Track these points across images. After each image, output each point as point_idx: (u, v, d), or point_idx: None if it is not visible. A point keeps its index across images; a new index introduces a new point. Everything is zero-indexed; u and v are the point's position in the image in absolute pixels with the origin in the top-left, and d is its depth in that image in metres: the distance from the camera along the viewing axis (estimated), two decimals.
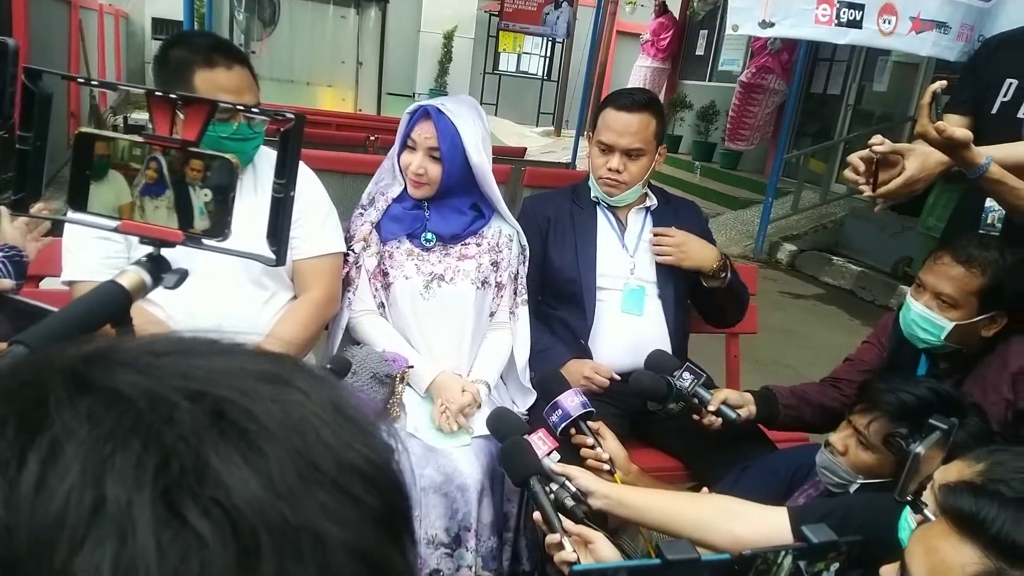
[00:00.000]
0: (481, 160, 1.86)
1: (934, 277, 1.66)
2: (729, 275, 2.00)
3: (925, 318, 1.67)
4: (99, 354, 0.30)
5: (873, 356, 1.91)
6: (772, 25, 5.59)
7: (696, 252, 1.99)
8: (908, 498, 1.12)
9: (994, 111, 1.92)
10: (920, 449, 1.11)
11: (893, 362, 1.84)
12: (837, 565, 1.01)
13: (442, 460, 1.69)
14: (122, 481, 0.25)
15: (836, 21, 5.33)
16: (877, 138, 1.59)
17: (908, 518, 1.14)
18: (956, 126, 1.50)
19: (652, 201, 2.11)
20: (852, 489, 1.52)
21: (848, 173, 1.64)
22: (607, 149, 1.99)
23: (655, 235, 2.02)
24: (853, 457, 1.52)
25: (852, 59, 8.35)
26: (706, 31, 10.91)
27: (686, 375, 1.79)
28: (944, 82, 1.51)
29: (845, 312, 5.81)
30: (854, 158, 1.62)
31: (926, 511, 1.08)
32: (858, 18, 5.28)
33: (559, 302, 2.10)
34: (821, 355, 4.45)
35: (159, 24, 13.27)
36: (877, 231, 6.95)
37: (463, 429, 1.78)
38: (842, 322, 5.57)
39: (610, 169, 1.98)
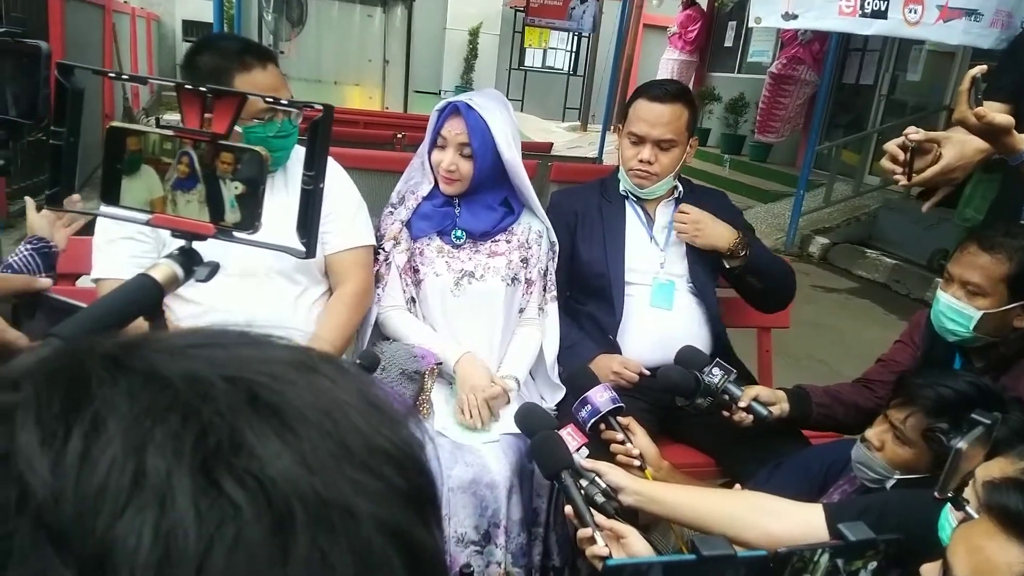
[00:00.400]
0: (512, 154, 1.86)
1: (961, 267, 1.63)
2: (749, 253, 1.95)
3: (952, 308, 1.63)
4: (136, 343, 0.31)
5: (906, 356, 1.86)
6: (795, 17, 5.53)
7: (711, 231, 1.95)
8: (949, 495, 1.10)
9: None
10: (962, 445, 1.08)
11: (927, 361, 1.80)
12: (875, 564, 0.99)
13: (470, 457, 1.69)
14: (161, 453, 0.26)
15: (860, 12, 5.26)
16: (912, 128, 1.56)
17: (949, 516, 1.11)
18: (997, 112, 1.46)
19: (680, 191, 2.08)
20: (888, 485, 1.49)
21: (884, 162, 1.61)
22: (638, 140, 1.97)
23: (678, 214, 1.99)
24: (890, 452, 1.49)
25: (885, 48, 8.19)
26: (734, 22, 10.77)
27: (716, 371, 1.77)
28: (984, 67, 1.47)
29: (879, 306, 5.70)
30: (890, 146, 1.58)
31: (968, 508, 1.06)
32: (883, 8, 5.19)
33: (587, 297, 2.08)
34: (854, 350, 4.38)
35: (189, 26, 13.49)
36: (912, 223, 6.81)
37: (488, 423, 1.77)
38: (876, 316, 5.47)
39: (641, 160, 1.96)
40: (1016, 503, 0.87)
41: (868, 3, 5.21)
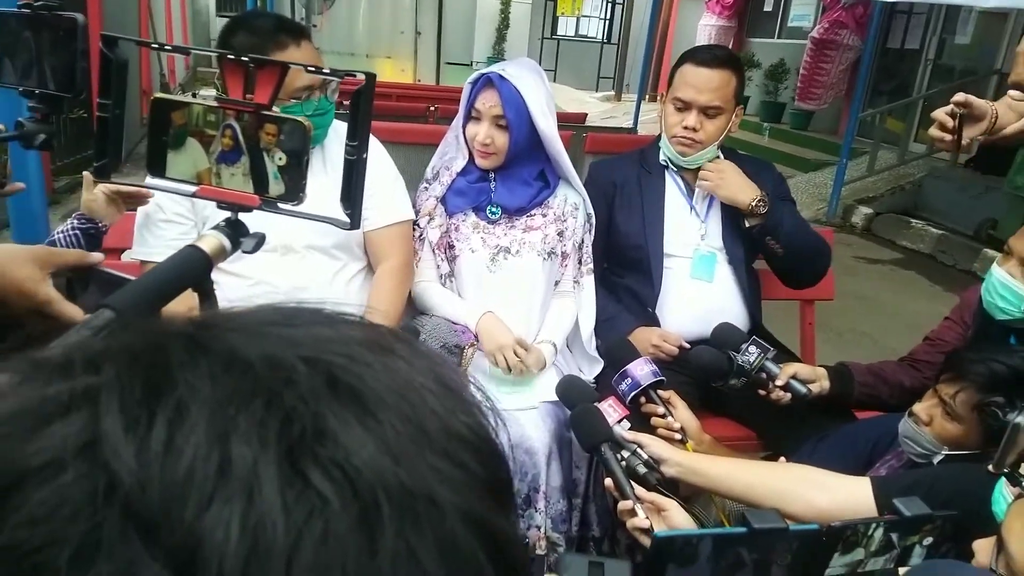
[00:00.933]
0: (548, 124, 1.83)
1: (1023, 243, 1.54)
2: (770, 214, 1.90)
3: (1005, 285, 1.55)
4: (211, 322, 0.31)
5: (955, 335, 1.79)
6: None
7: (733, 182, 1.91)
8: (1005, 470, 1.07)
9: None
10: (1021, 419, 1.05)
11: (977, 341, 1.73)
12: (931, 539, 0.97)
13: (509, 425, 1.70)
14: (247, 441, 0.25)
15: None
16: (960, 96, 1.49)
17: (1004, 491, 1.08)
18: None
19: (720, 158, 2.03)
20: (936, 460, 1.46)
21: (932, 131, 1.55)
22: (684, 106, 1.92)
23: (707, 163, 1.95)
24: (938, 427, 1.45)
25: (932, 11, 7.89)
26: None
27: (752, 349, 1.73)
28: None
29: (924, 278, 5.57)
30: (938, 113, 1.52)
31: None
32: None
33: (625, 270, 2.06)
34: (900, 323, 4.29)
35: (223, 2, 13.55)
36: (958, 192, 6.61)
37: (524, 380, 1.76)
38: (922, 288, 5.34)
39: (685, 127, 1.92)
40: None
41: None
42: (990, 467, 1.10)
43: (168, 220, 1.62)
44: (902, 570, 1.02)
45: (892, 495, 1.10)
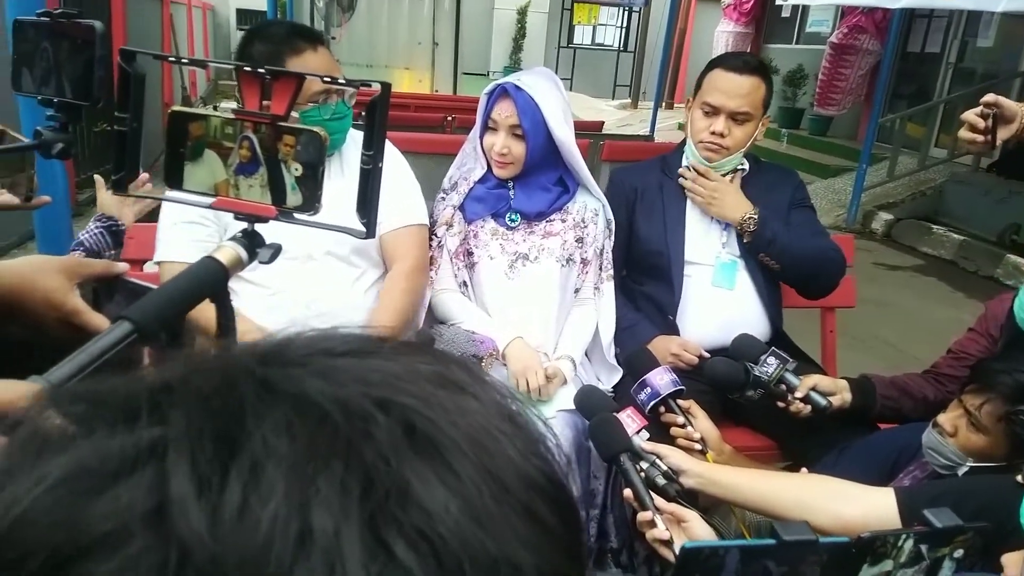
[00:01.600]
0: (565, 133, 1.83)
1: None
2: (761, 232, 1.89)
3: None
4: (274, 353, 0.29)
5: (980, 348, 1.74)
6: None
7: (726, 201, 1.91)
8: None
9: None
10: None
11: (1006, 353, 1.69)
12: (961, 552, 0.95)
13: None
14: (328, 507, 0.23)
15: None
16: (990, 96, 1.48)
17: None
18: None
19: (744, 166, 2.02)
20: (960, 472, 1.44)
21: (963, 132, 1.53)
22: (712, 111, 1.92)
23: (690, 173, 1.94)
24: (963, 439, 1.43)
25: (953, 14, 7.81)
26: None
27: (771, 360, 1.70)
28: None
29: (946, 284, 5.49)
30: (969, 115, 1.50)
31: None
32: None
33: (645, 277, 2.05)
34: (921, 330, 4.23)
35: (243, 15, 13.74)
36: (981, 197, 6.52)
37: (544, 400, 1.76)
38: (943, 294, 5.27)
39: (713, 132, 1.91)
40: None
41: None
42: (1018, 478, 1.08)
43: (193, 222, 1.64)
44: None
45: (917, 506, 1.08)
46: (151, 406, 0.26)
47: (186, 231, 1.63)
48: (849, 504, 1.29)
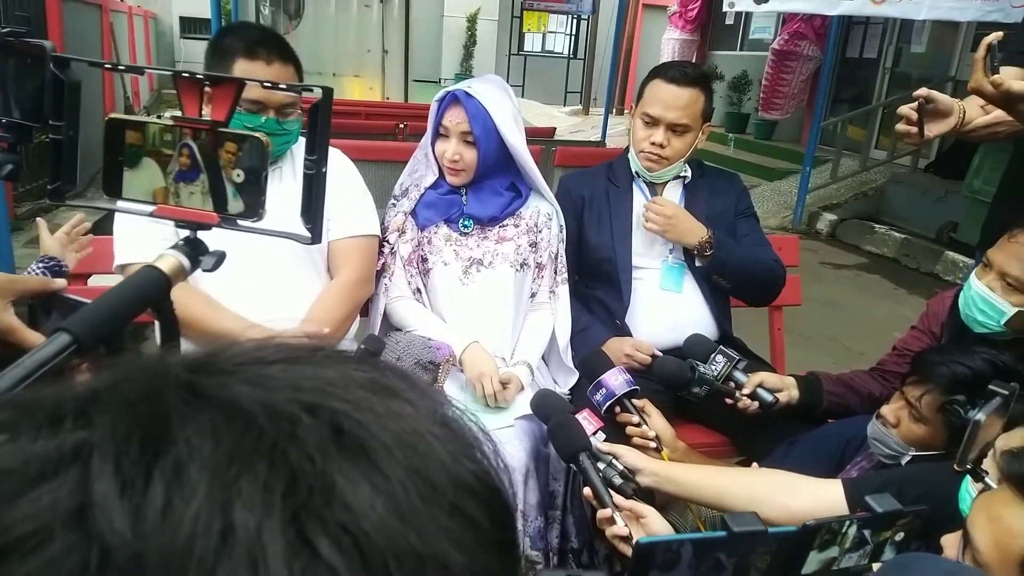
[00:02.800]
0: (516, 139, 1.84)
1: (1004, 256, 1.53)
2: (717, 255, 1.92)
3: (985, 299, 1.54)
4: (205, 362, 0.29)
5: (922, 346, 1.78)
6: (766, 1, 5.63)
7: (683, 227, 1.92)
8: (968, 466, 1.09)
9: None
10: (980, 416, 1.07)
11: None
12: (902, 535, 0.98)
13: None
14: (250, 506, 0.24)
15: None
16: (923, 90, 1.53)
17: (969, 487, 1.10)
18: (1014, 78, 1.44)
19: (687, 173, 2.06)
20: (904, 461, 1.49)
21: (899, 126, 1.58)
22: (651, 122, 1.94)
23: (649, 204, 1.95)
24: (905, 429, 1.48)
25: (888, 21, 8.10)
26: None
27: (719, 359, 1.75)
28: (999, 34, 1.44)
29: (889, 281, 5.68)
30: (903, 109, 1.56)
31: (987, 479, 1.05)
32: None
33: (596, 282, 2.07)
34: (866, 326, 4.36)
35: (187, 23, 13.47)
36: (920, 196, 6.76)
37: (502, 405, 1.76)
38: (887, 291, 5.45)
39: (653, 143, 1.93)
40: None
41: None
42: (955, 464, 1.12)
43: (153, 222, 1.59)
44: (875, 565, 1.03)
45: (863, 495, 1.12)
46: (77, 412, 0.25)
47: (146, 231, 1.58)
48: (798, 496, 1.33)
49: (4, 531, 0.22)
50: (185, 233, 0.66)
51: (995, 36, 1.41)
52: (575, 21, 15.57)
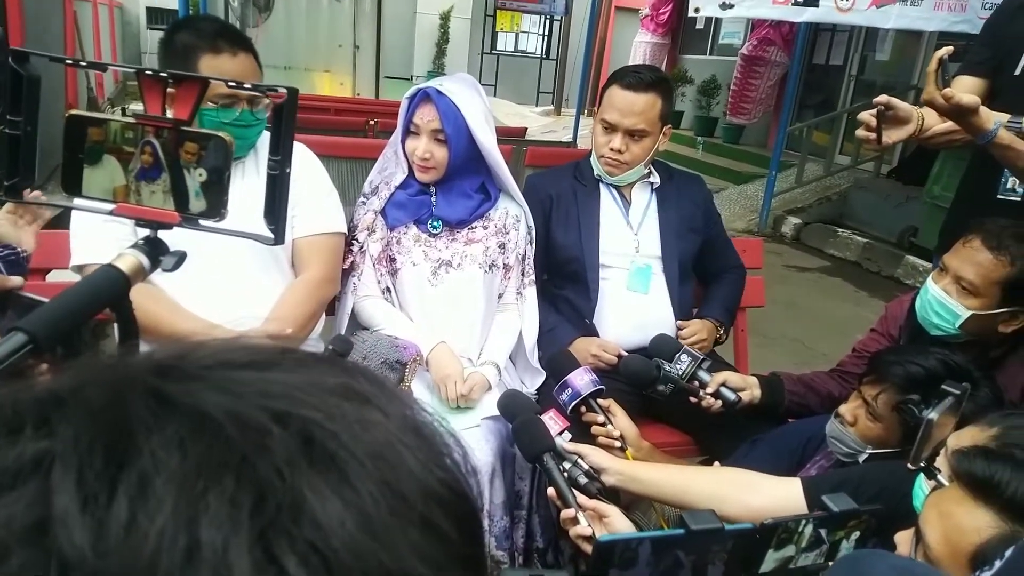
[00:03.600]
0: (487, 138, 1.85)
1: (958, 260, 1.56)
2: (725, 326, 2.11)
3: (941, 302, 1.58)
4: (172, 366, 0.28)
5: (880, 348, 1.80)
6: (732, 6, 5.73)
7: (711, 339, 2.06)
8: (921, 464, 1.12)
9: (1017, 72, 1.87)
10: (933, 415, 1.10)
11: None
12: (858, 534, 1.01)
13: None
14: (217, 523, 0.23)
15: (793, 1, 5.45)
16: (882, 97, 1.57)
17: (922, 485, 1.13)
18: (972, 89, 1.49)
19: (655, 178, 2.08)
20: (861, 459, 1.52)
21: (859, 132, 1.61)
22: (610, 128, 1.96)
23: (683, 331, 2.02)
24: (862, 427, 1.51)
25: (854, 29, 8.26)
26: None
27: (684, 358, 1.78)
28: (951, 48, 1.48)
29: (851, 284, 5.79)
30: (864, 115, 1.59)
31: (940, 477, 1.08)
32: None
33: (563, 281, 2.08)
34: (828, 327, 4.44)
35: (154, 13, 13.20)
36: (882, 201, 6.91)
37: (468, 406, 1.77)
38: (848, 294, 5.55)
39: (612, 149, 1.96)
40: (983, 469, 0.89)
41: None
42: (908, 463, 1.15)
43: (111, 219, 1.56)
44: (831, 564, 1.06)
45: (821, 493, 1.14)
46: (38, 418, 0.25)
47: (104, 230, 1.54)
48: (758, 494, 1.35)
49: None
50: (144, 233, 0.65)
51: (946, 50, 1.45)
52: (548, 21, 15.59)
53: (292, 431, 0.26)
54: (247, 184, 1.61)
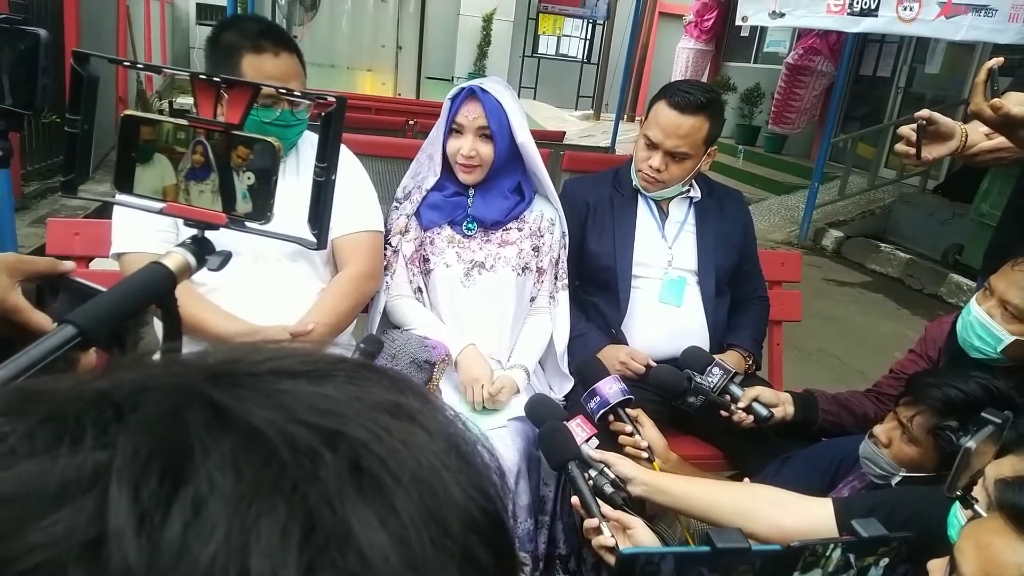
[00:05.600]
0: (527, 138, 1.85)
1: (1005, 284, 1.52)
2: (755, 359, 2.07)
3: (984, 325, 1.54)
4: (227, 372, 0.29)
5: (919, 369, 1.77)
6: (782, 15, 5.52)
7: (739, 369, 2.00)
8: (958, 493, 1.09)
9: None
10: (971, 443, 1.07)
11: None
12: (887, 560, 0.99)
13: None
14: (267, 552, 0.23)
15: (849, 10, 5.21)
16: (924, 112, 1.52)
17: (958, 513, 1.11)
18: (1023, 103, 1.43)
19: (696, 193, 2.06)
20: (894, 482, 1.49)
21: (899, 146, 1.57)
22: (652, 146, 1.93)
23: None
24: (896, 449, 1.48)
25: (903, 40, 8.10)
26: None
27: (716, 371, 1.76)
28: (1001, 59, 1.44)
29: (892, 301, 5.67)
30: (904, 130, 1.55)
31: (977, 507, 1.05)
32: (873, 6, 5.13)
33: (594, 288, 2.08)
34: (867, 345, 4.36)
35: (203, 9, 13.49)
36: (927, 217, 6.76)
37: (495, 408, 1.77)
38: (889, 311, 5.44)
39: (651, 167, 1.93)
40: None
41: (856, 1, 5.15)
42: (945, 490, 1.13)
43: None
44: None
45: (853, 516, 1.12)
46: (98, 428, 0.25)
47: (146, 221, 1.58)
48: (788, 514, 1.33)
49: (16, 559, 0.21)
50: (190, 230, 0.67)
51: (996, 61, 1.41)
52: (590, 26, 15.55)
53: (341, 454, 0.26)
54: (287, 184, 1.64)
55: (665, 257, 2.02)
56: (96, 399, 0.26)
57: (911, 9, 5.02)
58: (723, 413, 1.77)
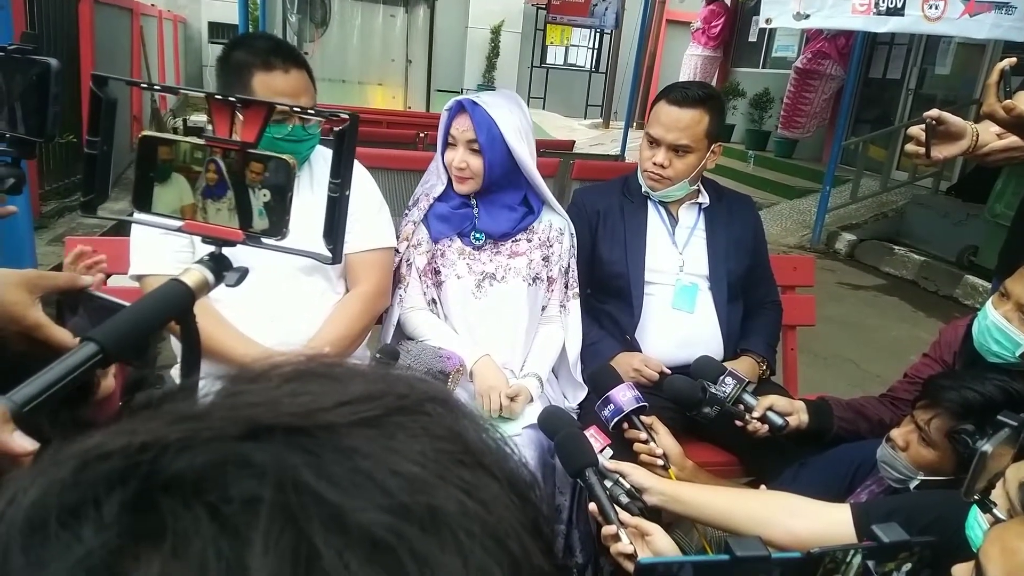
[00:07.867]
0: (521, 148, 1.86)
1: (1022, 287, 1.51)
2: (768, 366, 2.06)
3: (1001, 330, 1.52)
4: (299, 426, 0.28)
5: (933, 373, 1.75)
6: (807, 17, 5.48)
7: (754, 375, 2.00)
8: (976, 497, 1.08)
9: None
10: (988, 447, 1.06)
11: None
12: (909, 566, 0.98)
13: None
14: None
15: (875, 10, 5.17)
16: (933, 111, 1.51)
17: (977, 517, 1.10)
18: None
19: (705, 199, 2.06)
20: (912, 485, 1.48)
21: (909, 147, 1.56)
22: (654, 143, 1.96)
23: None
24: (914, 453, 1.47)
25: (913, 42, 8.07)
26: (758, 17, 10.67)
27: (729, 380, 1.74)
28: (1013, 59, 1.43)
29: (907, 303, 5.62)
30: (914, 130, 1.54)
31: (996, 511, 1.04)
32: (899, 5, 5.09)
33: (607, 296, 2.08)
34: (882, 348, 4.33)
35: (215, 28, 13.68)
36: (940, 219, 6.71)
37: (509, 415, 1.78)
38: (904, 314, 5.40)
39: (655, 163, 1.95)
40: None
41: (883, 0, 5.11)
42: (963, 494, 1.12)
43: (168, 232, 1.62)
44: None
45: (872, 521, 1.12)
46: (219, 556, 0.24)
47: (162, 242, 1.61)
48: (805, 520, 1.32)
49: None
50: (206, 248, 0.68)
51: (1008, 61, 1.40)
52: (598, 35, 15.62)
53: (448, 544, 0.26)
54: (300, 199, 1.66)
55: (676, 263, 2.02)
56: (146, 475, 0.25)
57: (937, 8, 4.99)
58: (738, 423, 1.76)
